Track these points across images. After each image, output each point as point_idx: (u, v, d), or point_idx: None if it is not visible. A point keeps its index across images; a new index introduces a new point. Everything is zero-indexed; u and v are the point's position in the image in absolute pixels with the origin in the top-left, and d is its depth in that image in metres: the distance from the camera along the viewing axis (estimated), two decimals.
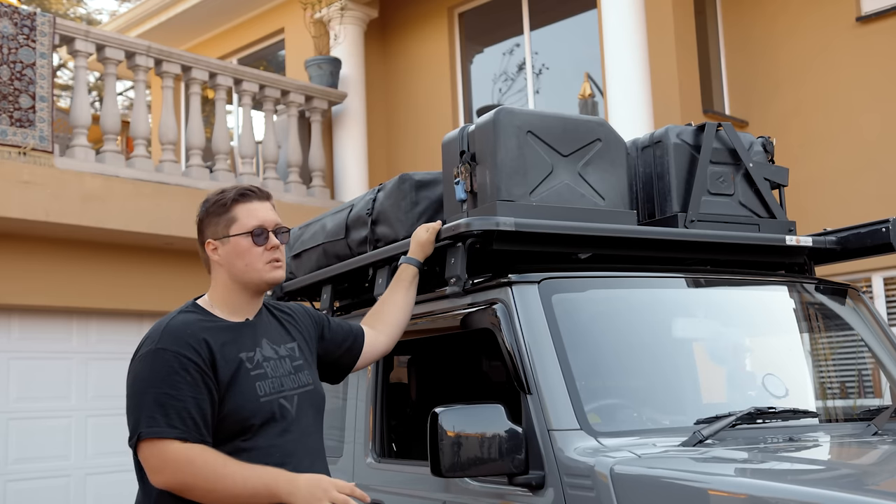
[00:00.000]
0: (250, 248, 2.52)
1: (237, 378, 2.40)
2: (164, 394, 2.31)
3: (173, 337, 2.39)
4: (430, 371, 4.16)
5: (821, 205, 7.37)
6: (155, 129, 9.77)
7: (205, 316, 2.49)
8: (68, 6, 24.08)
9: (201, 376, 2.34)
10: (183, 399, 2.31)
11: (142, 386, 2.35)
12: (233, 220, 2.54)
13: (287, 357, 2.56)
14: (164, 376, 2.33)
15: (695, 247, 3.28)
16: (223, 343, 2.43)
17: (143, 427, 2.29)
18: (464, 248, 2.94)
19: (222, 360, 2.39)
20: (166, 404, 2.30)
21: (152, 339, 2.41)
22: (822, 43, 7.81)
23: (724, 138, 3.43)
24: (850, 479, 2.32)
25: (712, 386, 3.28)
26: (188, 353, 2.35)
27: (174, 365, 2.33)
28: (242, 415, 2.38)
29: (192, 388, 2.32)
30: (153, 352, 2.37)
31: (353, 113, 9.59)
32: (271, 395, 2.45)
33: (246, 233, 2.52)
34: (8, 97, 6.84)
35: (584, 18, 8.98)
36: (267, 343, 2.53)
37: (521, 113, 3.08)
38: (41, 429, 7.49)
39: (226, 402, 2.37)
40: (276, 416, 2.43)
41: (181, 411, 2.30)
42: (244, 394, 2.40)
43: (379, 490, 3.27)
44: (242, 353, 2.45)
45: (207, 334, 2.41)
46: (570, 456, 2.49)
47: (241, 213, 2.55)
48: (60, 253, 7.43)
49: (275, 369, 2.49)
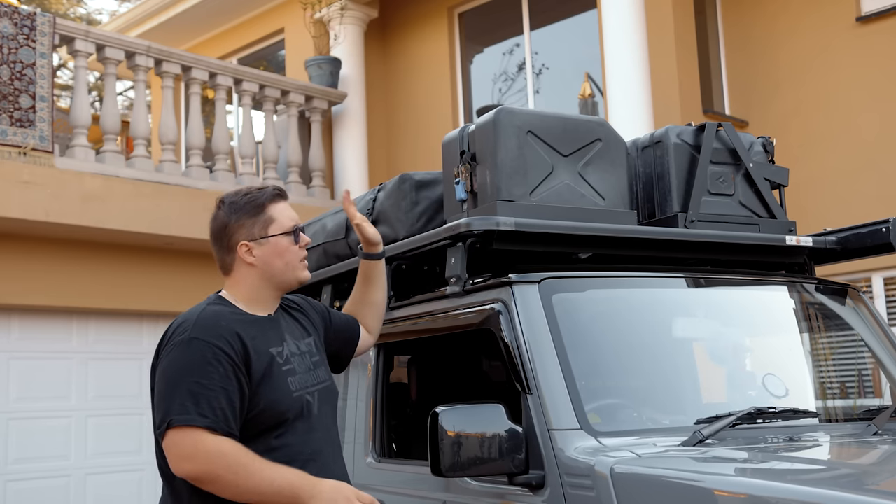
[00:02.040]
0: (289, 248, 2.55)
1: (270, 373, 2.41)
2: (196, 383, 2.30)
3: (207, 327, 2.38)
4: (431, 371, 4.16)
5: (821, 205, 7.37)
6: (155, 129, 9.77)
7: (233, 309, 2.50)
8: (68, 6, 24.08)
9: (233, 369, 2.34)
10: (214, 389, 2.30)
11: (175, 374, 2.33)
12: (270, 221, 2.54)
13: (307, 353, 2.57)
14: (197, 366, 2.32)
15: (695, 247, 3.28)
16: (253, 337, 2.43)
17: (175, 414, 2.28)
18: (464, 247, 2.94)
19: (255, 355, 2.40)
20: (198, 394, 2.29)
21: (184, 329, 2.39)
22: (822, 43, 7.81)
23: (725, 138, 3.44)
24: (850, 479, 2.32)
25: (712, 386, 3.28)
26: (222, 344, 2.35)
27: (207, 355, 2.33)
28: (279, 409, 2.39)
29: (223, 380, 2.32)
30: (187, 341, 2.36)
31: (353, 113, 9.59)
32: (300, 390, 2.46)
33: (286, 232, 2.54)
34: (8, 97, 6.84)
35: (584, 18, 8.98)
36: (290, 338, 2.55)
37: (522, 113, 3.08)
38: (41, 429, 7.48)
39: (260, 396, 2.37)
40: (303, 413, 2.45)
41: (212, 401, 2.29)
42: (279, 389, 2.41)
43: (379, 490, 3.27)
44: (273, 348, 2.46)
45: (239, 327, 2.42)
46: (571, 456, 2.49)
47: (276, 213, 2.56)
48: (60, 253, 7.43)
49: (300, 365, 2.51)
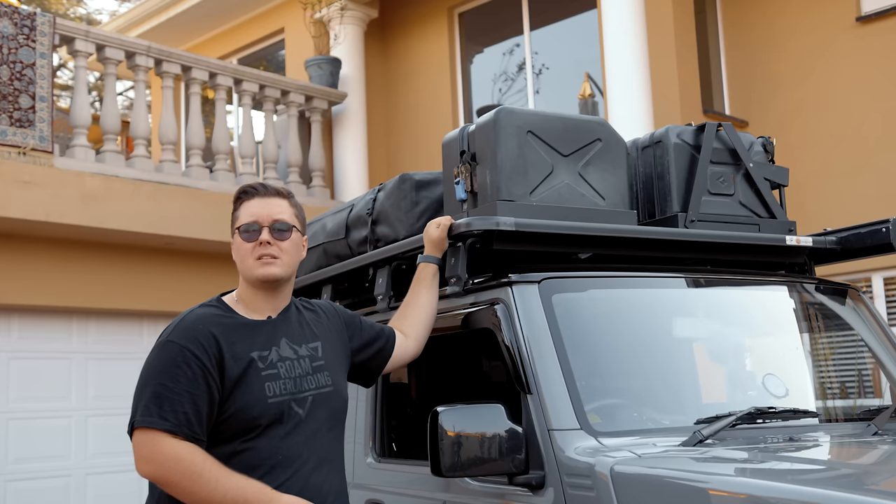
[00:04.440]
0: (241, 245, 2.56)
1: (246, 377, 2.40)
2: (162, 385, 2.34)
3: (184, 331, 2.41)
4: (431, 371, 4.16)
5: (821, 205, 7.37)
6: (155, 129, 9.77)
7: (224, 312, 2.51)
8: (68, 6, 24.07)
9: (203, 373, 2.35)
10: (179, 393, 2.32)
11: (145, 376, 2.39)
12: (235, 219, 2.61)
13: (307, 357, 2.54)
14: (165, 369, 2.36)
15: (695, 247, 3.28)
16: (234, 340, 2.43)
17: (138, 416, 2.33)
18: (464, 247, 2.94)
19: (230, 359, 2.39)
20: (162, 396, 2.32)
21: (167, 331, 2.45)
22: (822, 43, 7.81)
23: (725, 138, 3.44)
24: (850, 479, 2.32)
25: (712, 386, 3.28)
26: (194, 347, 2.37)
27: (177, 358, 2.36)
28: (250, 414, 2.38)
29: (190, 384, 2.33)
30: (162, 343, 2.42)
31: (353, 113, 9.59)
32: (281, 396, 2.43)
33: (236, 229, 2.58)
34: (8, 97, 6.84)
35: (584, 18, 8.98)
36: (286, 343, 2.52)
37: (522, 113, 3.08)
38: (41, 429, 7.48)
39: (232, 400, 2.37)
40: (282, 418, 2.42)
41: (176, 405, 2.31)
42: (253, 393, 2.39)
43: (379, 490, 3.27)
44: (255, 352, 2.44)
45: (219, 330, 2.42)
46: (571, 456, 2.49)
47: (241, 212, 2.59)
48: (60, 253, 7.43)
49: (290, 370, 2.48)
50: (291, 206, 2.62)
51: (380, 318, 3.35)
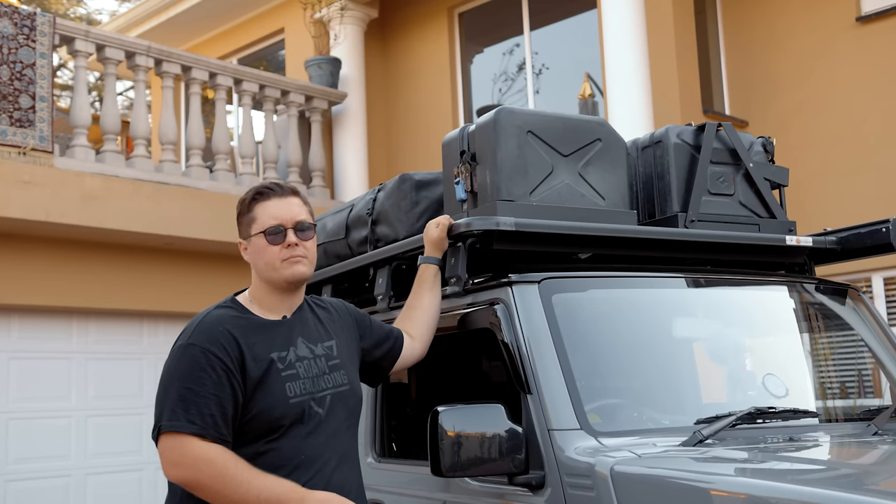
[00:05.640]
0: (266, 248, 2.53)
1: (267, 378, 2.40)
2: (188, 389, 2.32)
3: (205, 333, 2.40)
4: (431, 371, 4.16)
5: (821, 205, 7.37)
6: (155, 129, 9.77)
7: (241, 312, 2.50)
8: (68, 6, 24.07)
9: (227, 374, 2.35)
10: (205, 396, 2.31)
11: (168, 380, 2.38)
12: (253, 220, 2.57)
13: (323, 356, 2.55)
14: (189, 372, 2.35)
15: (695, 247, 3.28)
16: (254, 342, 2.43)
17: (165, 420, 2.31)
18: (464, 247, 2.94)
19: (252, 360, 2.40)
20: (189, 399, 2.31)
21: (186, 334, 2.44)
22: (822, 43, 7.81)
23: (725, 138, 3.44)
24: (850, 479, 2.32)
25: (712, 386, 3.28)
26: (216, 350, 2.36)
27: (201, 361, 2.35)
28: (273, 415, 2.38)
29: (215, 386, 2.33)
30: (184, 346, 2.40)
31: (353, 113, 9.59)
32: (302, 395, 2.44)
33: (261, 232, 2.54)
34: (8, 97, 6.84)
35: (584, 18, 8.98)
36: (303, 342, 2.53)
37: (522, 113, 3.08)
38: (41, 429, 7.48)
39: (255, 402, 2.37)
40: (303, 418, 2.43)
41: (202, 408, 2.30)
42: (274, 394, 2.40)
43: (379, 490, 3.27)
44: (274, 353, 2.45)
45: (239, 332, 2.42)
46: (571, 456, 2.49)
47: (259, 213, 2.56)
48: (60, 253, 7.43)
49: (308, 369, 2.49)
50: (305, 204, 2.63)
51: (380, 318, 3.35)
